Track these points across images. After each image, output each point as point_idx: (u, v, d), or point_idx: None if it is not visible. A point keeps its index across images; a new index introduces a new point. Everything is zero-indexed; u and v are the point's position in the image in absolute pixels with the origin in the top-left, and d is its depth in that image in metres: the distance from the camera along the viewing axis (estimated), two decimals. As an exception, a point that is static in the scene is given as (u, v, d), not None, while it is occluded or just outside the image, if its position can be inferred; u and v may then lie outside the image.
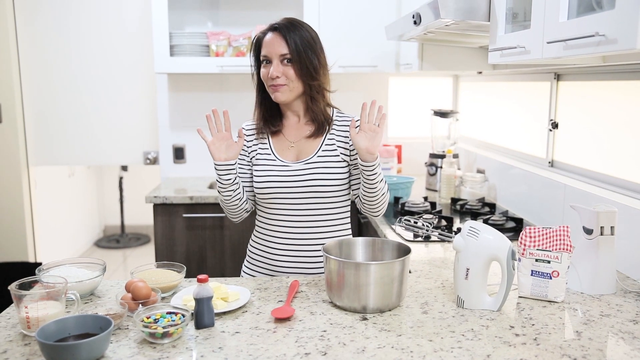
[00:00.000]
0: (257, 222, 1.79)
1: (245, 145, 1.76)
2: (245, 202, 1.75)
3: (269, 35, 1.67)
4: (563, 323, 1.30)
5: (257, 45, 1.71)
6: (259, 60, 1.70)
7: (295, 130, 1.74)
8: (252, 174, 1.76)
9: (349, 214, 1.78)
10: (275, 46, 1.64)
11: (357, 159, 1.70)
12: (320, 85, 1.69)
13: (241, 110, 3.29)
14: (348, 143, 1.71)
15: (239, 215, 1.77)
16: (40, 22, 3.26)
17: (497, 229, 1.50)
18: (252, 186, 1.77)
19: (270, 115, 1.74)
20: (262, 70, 1.68)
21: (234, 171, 1.66)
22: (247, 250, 1.83)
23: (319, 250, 1.70)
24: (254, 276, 1.76)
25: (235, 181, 1.68)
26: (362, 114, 1.57)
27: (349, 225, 1.79)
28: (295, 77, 1.65)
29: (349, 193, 1.76)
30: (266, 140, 1.74)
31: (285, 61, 1.64)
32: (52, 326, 1.15)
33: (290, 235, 1.70)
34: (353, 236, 1.73)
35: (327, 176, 1.67)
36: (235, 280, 1.60)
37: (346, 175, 1.72)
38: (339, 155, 1.70)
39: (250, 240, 1.82)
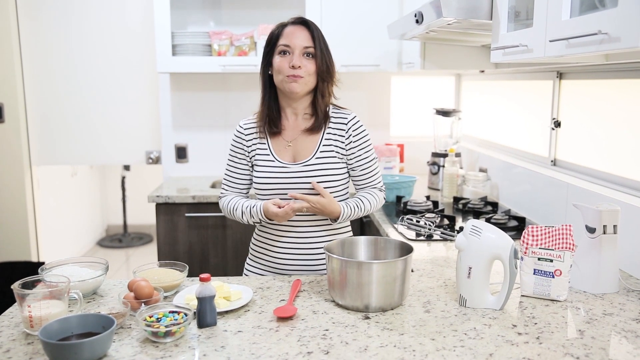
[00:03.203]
0: None
1: (245, 144, 1.75)
2: None
3: (292, 27, 1.66)
4: (566, 322, 1.30)
5: (274, 37, 1.68)
6: (270, 55, 1.69)
7: (292, 129, 1.74)
8: (250, 173, 1.76)
9: None
10: (300, 38, 1.64)
11: (353, 161, 1.72)
12: (332, 84, 1.71)
13: (244, 109, 3.31)
14: (344, 142, 1.70)
15: None
16: (43, 21, 3.27)
17: (500, 227, 1.49)
18: (248, 186, 1.79)
19: (272, 115, 1.73)
20: (279, 59, 1.65)
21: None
22: (249, 250, 1.83)
23: (321, 249, 1.71)
24: (257, 275, 1.76)
25: None
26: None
27: (349, 222, 1.79)
28: (313, 72, 1.65)
29: (347, 192, 1.76)
30: (265, 140, 1.74)
31: (306, 55, 1.64)
32: (54, 325, 1.15)
33: (291, 234, 1.71)
34: (355, 235, 1.73)
35: (325, 177, 1.67)
36: (237, 280, 1.60)
37: (344, 174, 1.72)
38: (335, 157, 1.70)
39: (252, 240, 1.82)
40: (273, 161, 1.70)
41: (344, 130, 1.71)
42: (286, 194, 1.67)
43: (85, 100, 3.36)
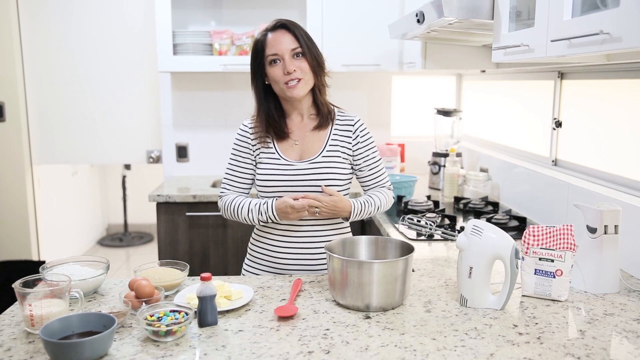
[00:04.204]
0: None
1: (250, 143, 1.75)
2: None
3: (273, 34, 1.65)
4: (567, 322, 1.30)
5: (259, 48, 1.67)
6: (261, 66, 1.68)
7: (298, 129, 1.74)
8: (254, 173, 1.76)
9: None
10: (285, 42, 1.64)
11: (361, 162, 1.74)
12: (324, 76, 1.72)
13: (244, 109, 3.30)
14: (350, 144, 1.72)
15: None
16: (44, 20, 3.27)
17: (501, 227, 1.49)
18: (249, 186, 1.78)
19: (275, 121, 1.73)
20: (272, 69, 1.65)
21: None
22: (248, 249, 1.83)
23: (321, 248, 1.71)
24: (255, 274, 1.76)
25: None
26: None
27: (348, 223, 1.80)
28: (309, 70, 1.66)
29: (349, 192, 1.77)
30: (270, 140, 1.74)
31: (296, 56, 1.64)
32: (55, 324, 1.15)
33: (292, 233, 1.71)
34: (356, 235, 1.73)
35: (330, 176, 1.68)
36: (238, 279, 1.60)
37: (348, 175, 1.73)
38: (340, 156, 1.71)
39: (251, 239, 1.82)
40: (279, 159, 1.70)
41: (351, 131, 1.72)
42: (291, 192, 1.67)
43: (86, 99, 3.36)
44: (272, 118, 1.72)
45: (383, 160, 1.81)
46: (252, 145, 1.74)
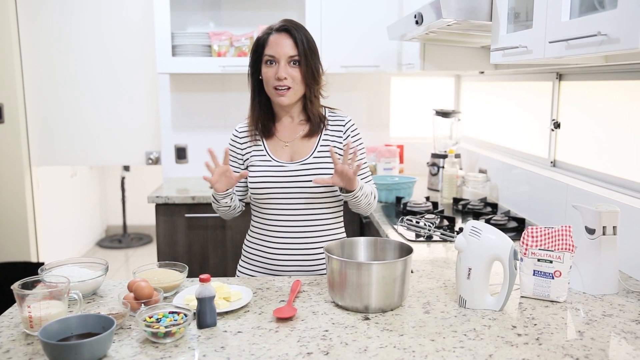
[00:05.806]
0: (252, 222, 1.80)
1: (239, 148, 1.76)
2: (237, 207, 1.78)
3: (276, 36, 1.65)
4: (565, 323, 1.30)
5: (260, 45, 1.68)
6: (258, 62, 1.69)
7: (288, 131, 1.75)
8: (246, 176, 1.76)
9: (342, 213, 1.80)
10: (285, 47, 1.63)
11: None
12: (320, 89, 1.71)
13: (243, 110, 3.28)
14: (341, 143, 1.72)
15: (231, 217, 1.81)
16: (43, 22, 3.27)
17: (499, 228, 1.49)
18: (244, 188, 1.79)
19: (264, 118, 1.74)
20: (266, 69, 1.66)
21: (231, 192, 1.69)
22: (242, 250, 1.84)
23: (315, 249, 1.72)
24: (250, 276, 1.77)
25: (231, 197, 1.71)
26: (344, 156, 1.58)
27: (343, 224, 1.81)
28: (300, 80, 1.65)
29: (339, 194, 1.77)
30: (260, 142, 1.75)
31: (292, 63, 1.64)
32: (54, 326, 1.15)
33: (286, 234, 1.71)
34: (354, 236, 1.74)
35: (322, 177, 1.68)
36: (237, 280, 1.60)
37: None
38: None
39: (246, 240, 1.83)
40: (270, 161, 1.71)
41: (342, 131, 1.73)
42: (282, 193, 1.68)
43: (85, 101, 3.36)
44: (262, 116, 1.73)
45: (381, 162, 1.81)
46: (242, 150, 1.76)
